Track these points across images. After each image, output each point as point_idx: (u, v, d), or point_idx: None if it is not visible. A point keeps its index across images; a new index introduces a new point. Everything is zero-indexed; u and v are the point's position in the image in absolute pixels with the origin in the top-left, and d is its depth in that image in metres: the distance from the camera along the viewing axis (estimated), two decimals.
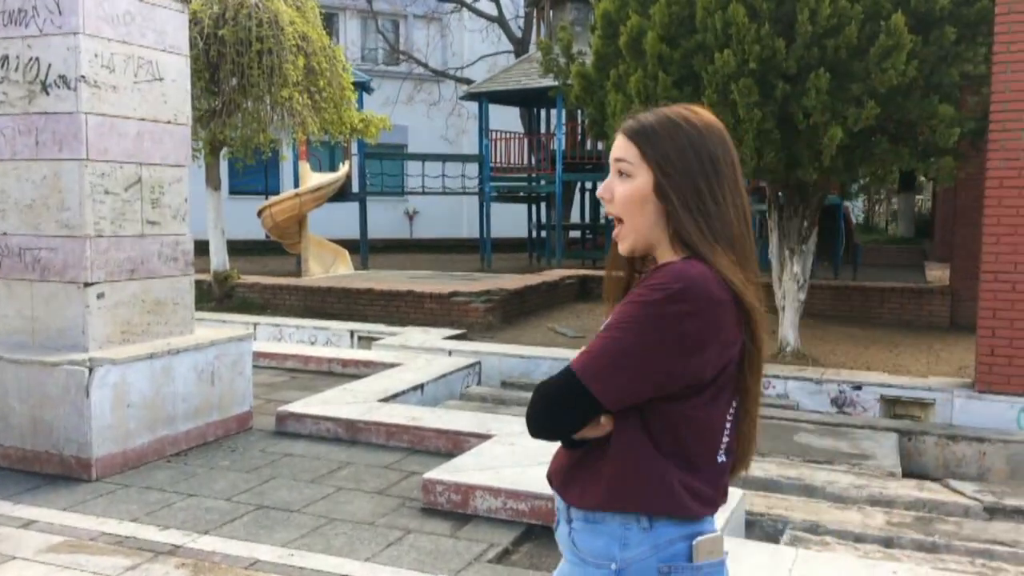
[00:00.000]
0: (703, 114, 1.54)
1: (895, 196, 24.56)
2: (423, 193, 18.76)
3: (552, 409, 1.48)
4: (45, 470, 4.65)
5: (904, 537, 3.92)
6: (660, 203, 1.50)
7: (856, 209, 25.09)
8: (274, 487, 4.54)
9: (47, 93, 4.80)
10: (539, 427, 1.51)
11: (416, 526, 4.04)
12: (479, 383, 7.42)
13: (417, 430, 5.31)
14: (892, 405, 6.69)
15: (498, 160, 18.92)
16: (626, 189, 1.52)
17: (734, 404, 1.52)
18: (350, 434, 5.43)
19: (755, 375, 1.52)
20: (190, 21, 6.41)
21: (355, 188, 17.06)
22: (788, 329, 7.98)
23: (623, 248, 1.56)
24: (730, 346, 1.45)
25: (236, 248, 12.07)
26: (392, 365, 7.21)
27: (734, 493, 4.03)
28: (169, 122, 5.30)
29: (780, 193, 8.15)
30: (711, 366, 1.44)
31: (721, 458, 1.51)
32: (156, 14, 5.19)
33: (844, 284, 11.43)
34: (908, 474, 5.37)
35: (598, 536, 1.51)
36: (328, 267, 13.95)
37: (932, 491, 4.69)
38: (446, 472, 4.37)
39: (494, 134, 18.63)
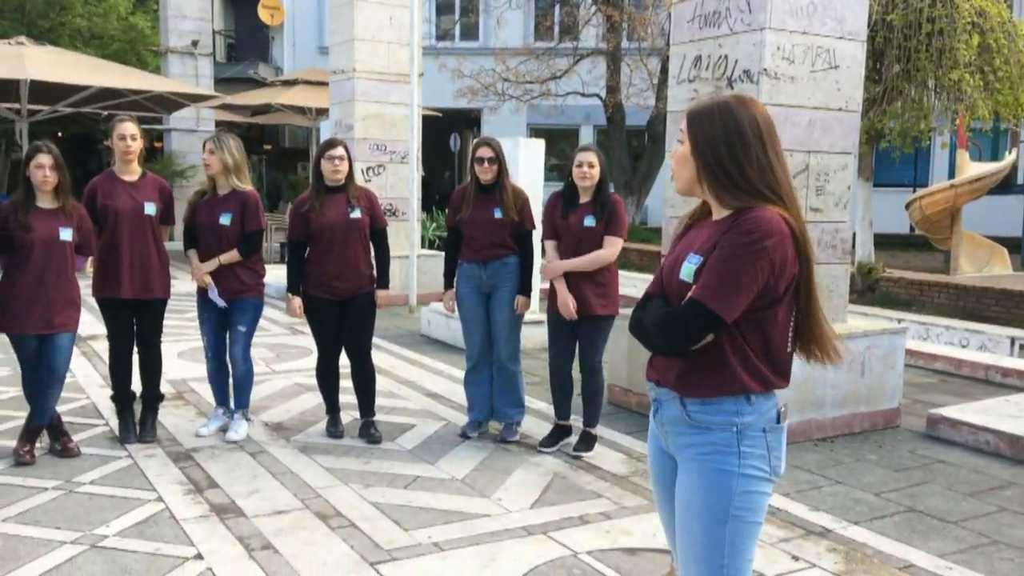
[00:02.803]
0: (746, 100, 2.04)
1: None
2: None
3: (691, 334, 1.94)
4: None
5: None
6: (696, 163, 2.04)
7: None
8: (926, 492, 4.26)
9: (731, 87, 5.20)
10: (674, 348, 1.99)
11: None
12: None
13: None
14: None
15: None
16: (677, 151, 2.09)
17: (794, 311, 2.01)
18: (1014, 451, 4.82)
19: (811, 286, 2.01)
20: None
21: (1020, 179, 15.04)
22: None
23: (676, 188, 2.14)
24: (792, 266, 1.95)
25: (878, 241, 11.64)
26: None
27: None
28: (840, 109, 5.31)
29: None
30: (785, 283, 1.96)
31: (789, 348, 2.04)
32: (837, 2, 5.22)
33: None
34: None
35: (718, 413, 2.00)
36: (981, 266, 12.61)
37: None
38: None
39: None
